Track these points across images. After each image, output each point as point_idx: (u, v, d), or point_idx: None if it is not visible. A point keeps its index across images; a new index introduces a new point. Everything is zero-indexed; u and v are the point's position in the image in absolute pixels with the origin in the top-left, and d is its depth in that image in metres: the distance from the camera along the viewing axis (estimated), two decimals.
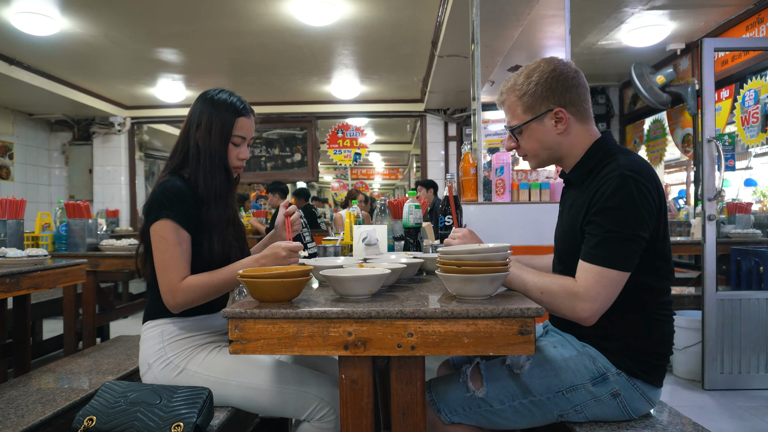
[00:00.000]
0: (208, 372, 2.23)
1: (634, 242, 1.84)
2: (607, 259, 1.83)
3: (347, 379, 1.68)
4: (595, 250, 1.86)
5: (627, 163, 1.92)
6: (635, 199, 1.85)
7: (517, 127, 2.15)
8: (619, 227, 1.84)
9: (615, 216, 1.85)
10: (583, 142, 2.12)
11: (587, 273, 1.86)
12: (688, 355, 4.94)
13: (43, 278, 3.40)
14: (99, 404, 1.97)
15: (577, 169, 2.13)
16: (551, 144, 2.13)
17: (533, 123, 2.11)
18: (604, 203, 1.88)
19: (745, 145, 6.25)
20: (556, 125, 2.09)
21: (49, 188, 11.17)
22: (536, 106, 2.09)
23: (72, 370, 3.11)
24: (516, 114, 2.15)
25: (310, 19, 6.32)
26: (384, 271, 1.81)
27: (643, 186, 1.86)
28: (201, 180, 2.34)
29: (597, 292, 1.82)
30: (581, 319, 1.85)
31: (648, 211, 1.86)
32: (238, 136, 2.41)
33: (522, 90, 2.11)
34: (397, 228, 3.31)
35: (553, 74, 2.07)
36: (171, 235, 2.20)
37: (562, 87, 2.07)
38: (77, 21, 6.50)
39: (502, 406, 1.96)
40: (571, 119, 2.10)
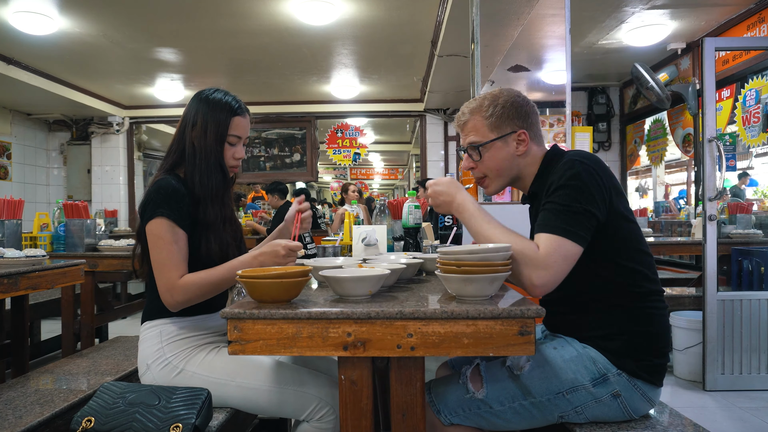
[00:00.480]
0: (207, 373, 2.23)
1: (585, 216, 1.89)
2: (563, 229, 1.87)
3: (347, 379, 1.68)
4: (551, 221, 1.90)
5: (573, 152, 2.06)
6: (583, 178, 1.92)
7: (483, 144, 2.22)
8: (571, 201, 1.90)
9: (566, 192, 1.92)
10: (538, 159, 2.24)
11: (546, 241, 1.88)
12: (689, 356, 4.94)
13: (42, 279, 3.40)
14: (97, 405, 1.97)
15: (536, 181, 2.23)
16: (511, 164, 2.24)
17: (498, 142, 2.21)
18: (556, 184, 1.96)
19: (746, 145, 6.26)
20: (517, 147, 2.21)
21: (47, 188, 11.17)
22: (502, 127, 2.20)
23: (70, 371, 3.11)
24: (481, 132, 2.23)
25: (310, 18, 6.33)
26: (383, 272, 1.81)
27: (589, 167, 1.95)
28: (197, 180, 2.35)
29: (554, 260, 1.84)
30: (534, 286, 1.85)
31: (597, 190, 1.93)
32: (234, 135, 2.42)
33: (488, 111, 2.20)
34: (396, 228, 3.31)
35: (517, 99, 2.21)
36: (167, 233, 2.20)
37: (524, 112, 2.21)
38: (75, 20, 6.50)
39: (502, 408, 1.96)
40: (530, 142, 2.22)
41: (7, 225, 4.02)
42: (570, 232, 1.86)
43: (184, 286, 2.17)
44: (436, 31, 6.82)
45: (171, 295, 2.16)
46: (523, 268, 1.85)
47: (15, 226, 4.09)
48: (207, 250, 2.30)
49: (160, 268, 2.19)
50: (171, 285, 2.16)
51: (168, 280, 2.17)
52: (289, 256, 2.18)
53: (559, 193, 1.93)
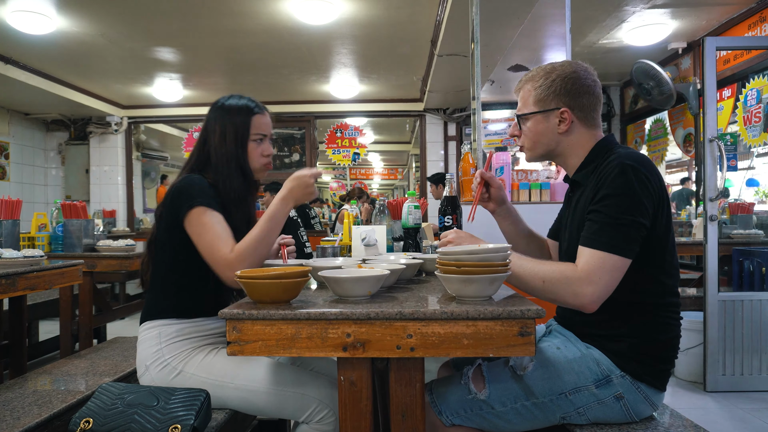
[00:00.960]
0: (206, 374, 2.23)
1: (634, 228, 1.86)
2: (608, 244, 1.85)
3: (346, 380, 1.68)
4: (596, 236, 1.88)
5: (626, 154, 1.98)
6: (634, 186, 1.88)
7: (524, 115, 2.23)
8: (619, 213, 1.87)
9: (615, 202, 1.88)
10: (586, 144, 2.19)
11: (589, 257, 1.87)
12: (690, 357, 4.94)
13: (40, 279, 3.40)
14: (96, 406, 1.97)
15: (581, 169, 2.19)
16: (549, 140, 2.21)
17: (539, 115, 2.20)
18: (604, 191, 1.92)
19: (747, 145, 6.26)
20: (559, 124, 2.17)
21: (45, 188, 11.17)
22: (546, 101, 2.18)
23: (68, 372, 3.11)
24: (526, 103, 2.24)
25: (309, 17, 6.33)
26: (383, 272, 1.81)
27: (641, 174, 1.90)
28: (221, 186, 2.41)
29: (599, 276, 1.83)
30: (583, 304, 1.85)
31: (647, 198, 1.89)
32: (258, 134, 2.50)
33: (539, 83, 2.19)
34: (396, 228, 3.31)
35: (571, 76, 2.16)
36: (208, 217, 2.24)
37: (575, 91, 2.15)
38: (74, 20, 6.50)
39: (504, 408, 1.96)
40: (576, 122, 2.17)
41: (4, 225, 4.02)
42: (616, 247, 1.84)
43: (239, 256, 2.19)
44: (435, 31, 6.82)
45: (231, 269, 2.16)
46: (567, 287, 1.86)
47: (13, 227, 4.09)
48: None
49: (210, 250, 2.22)
50: (227, 260, 2.19)
51: (223, 258, 2.19)
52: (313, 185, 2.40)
53: (607, 203, 1.90)
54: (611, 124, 9.68)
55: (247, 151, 2.47)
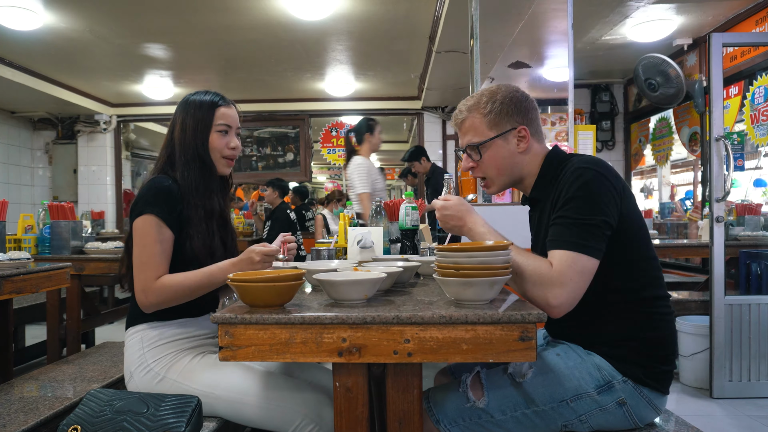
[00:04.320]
0: (188, 382, 2.24)
1: (600, 228, 1.90)
2: (577, 244, 1.88)
3: (342, 386, 1.69)
4: (563, 237, 1.91)
5: (580, 159, 2.05)
6: (593, 187, 1.93)
7: (482, 143, 2.22)
8: (584, 214, 1.91)
9: (577, 204, 1.93)
10: (538, 159, 2.24)
11: (559, 258, 1.89)
12: (696, 362, 4.95)
13: (26, 282, 3.40)
14: (84, 413, 1.97)
15: (538, 185, 2.23)
16: (512, 162, 2.23)
17: (498, 140, 2.20)
18: (565, 195, 1.96)
19: (754, 144, 6.26)
20: (518, 143, 2.20)
21: (32, 189, 11.14)
22: (501, 124, 2.19)
23: (56, 378, 3.11)
24: (480, 131, 2.23)
25: (303, 13, 6.32)
26: (379, 275, 1.82)
27: (599, 174, 1.95)
28: (179, 175, 2.42)
29: (570, 278, 1.85)
30: (551, 306, 1.86)
31: (608, 197, 1.93)
32: (222, 124, 2.49)
33: (487, 108, 2.20)
34: (393, 230, 3.31)
35: (515, 95, 2.21)
36: (153, 231, 2.24)
37: (524, 108, 2.21)
38: (61, 15, 6.49)
39: (503, 417, 1.96)
40: (531, 139, 2.22)
41: None
42: (584, 246, 1.87)
43: (160, 289, 2.21)
44: (434, 27, 6.82)
45: (145, 296, 2.21)
46: (537, 288, 1.87)
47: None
48: (190, 245, 2.34)
49: (140, 266, 2.23)
50: (147, 285, 2.21)
51: (145, 280, 2.21)
52: (264, 261, 2.24)
53: (570, 206, 1.94)
54: (614, 122, 9.69)
55: (209, 142, 2.46)
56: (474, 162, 2.27)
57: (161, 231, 2.25)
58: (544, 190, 2.17)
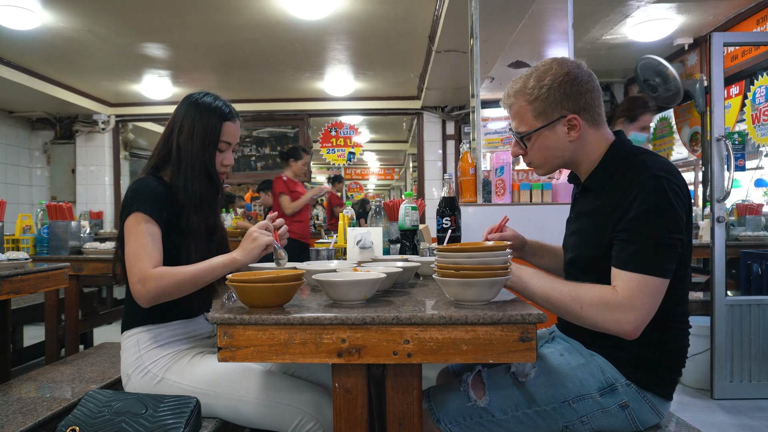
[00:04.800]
0: (187, 382, 2.23)
1: (674, 247, 1.82)
2: (649, 267, 1.79)
3: (341, 387, 1.68)
4: (636, 258, 1.81)
5: (656, 164, 1.89)
6: (672, 202, 1.82)
7: (527, 134, 2.10)
8: (658, 232, 1.81)
9: (653, 221, 1.81)
10: (598, 146, 2.08)
11: (629, 282, 1.81)
12: (697, 363, 4.95)
13: (24, 283, 3.39)
14: (82, 414, 1.97)
15: (595, 174, 2.09)
16: (563, 152, 2.09)
17: (544, 130, 2.06)
18: (639, 207, 1.84)
19: (755, 144, 6.26)
20: (568, 132, 2.04)
21: (30, 189, 11.14)
22: (548, 113, 2.04)
23: (54, 379, 3.11)
24: (525, 120, 2.09)
25: (302, 12, 6.32)
26: (379, 276, 1.81)
27: (676, 186, 1.84)
28: (182, 186, 2.37)
29: (642, 302, 1.78)
30: (625, 332, 1.79)
31: (683, 212, 1.85)
32: (225, 141, 2.45)
33: (533, 94, 2.05)
34: (392, 230, 3.31)
35: (566, 78, 2.02)
36: (141, 226, 2.21)
37: (576, 92, 2.02)
38: (59, 15, 6.49)
39: (504, 417, 1.95)
40: (585, 125, 2.05)
41: None
42: (657, 269, 1.80)
43: (158, 275, 2.14)
44: (433, 26, 6.82)
45: (143, 285, 2.13)
46: (607, 314, 1.80)
47: None
48: (187, 259, 2.31)
49: (133, 259, 2.18)
50: (143, 274, 2.14)
51: (140, 270, 2.15)
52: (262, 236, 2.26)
53: (645, 222, 1.82)
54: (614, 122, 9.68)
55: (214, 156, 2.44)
56: (522, 150, 2.17)
57: (149, 226, 2.22)
58: (602, 182, 2.05)
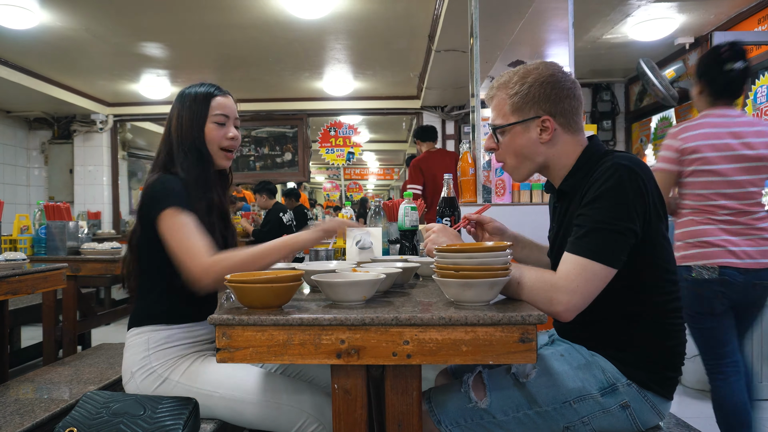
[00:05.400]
0: (191, 383, 2.23)
1: (624, 235, 1.83)
2: (592, 251, 1.81)
3: (340, 389, 1.68)
4: (581, 241, 1.85)
5: (620, 156, 1.93)
6: (626, 189, 1.84)
7: (500, 127, 2.14)
8: (609, 218, 1.83)
9: (605, 206, 1.84)
10: (572, 151, 2.11)
11: (569, 264, 1.84)
12: (697, 364, 4.91)
13: (22, 283, 3.39)
14: (80, 415, 1.97)
15: (569, 179, 2.12)
16: (533, 152, 2.12)
17: (518, 127, 2.10)
18: (595, 193, 1.87)
19: None
20: (540, 133, 2.08)
21: (27, 189, 11.13)
22: (524, 110, 2.08)
23: (51, 380, 3.11)
24: (502, 113, 2.14)
25: (301, 11, 6.33)
26: (378, 276, 1.81)
27: (635, 176, 1.86)
28: (179, 170, 2.39)
29: (577, 284, 1.80)
30: (557, 312, 1.81)
31: (640, 202, 1.85)
32: (219, 114, 2.47)
33: (513, 89, 2.09)
34: (392, 231, 3.31)
35: (549, 80, 2.06)
36: (184, 218, 2.21)
37: (555, 95, 2.06)
38: (57, 14, 6.49)
39: (505, 418, 1.94)
40: (558, 130, 2.08)
41: None
42: (601, 255, 1.81)
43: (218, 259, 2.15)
44: (433, 25, 6.82)
45: (207, 274, 2.13)
46: (542, 293, 1.81)
47: None
48: None
49: (187, 252, 2.17)
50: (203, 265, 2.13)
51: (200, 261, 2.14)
52: None
53: (596, 206, 1.86)
54: (615, 122, 9.70)
55: (205, 133, 2.44)
56: (494, 144, 2.21)
57: (189, 216, 2.22)
58: (575, 184, 2.07)
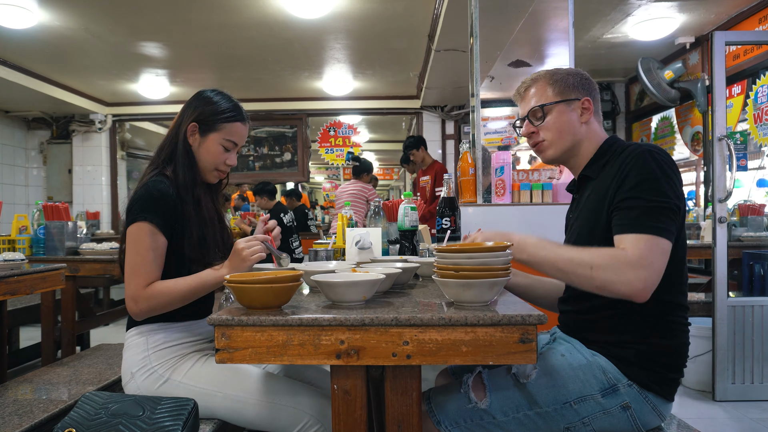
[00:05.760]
0: (193, 383, 2.23)
1: (672, 211, 1.87)
2: (655, 228, 1.83)
3: (340, 389, 1.68)
4: (641, 220, 1.85)
5: (644, 144, 2.03)
6: (665, 170, 1.91)
7: (546, 106, 2.25)
8: (657, 195, 1.88)
9: (650, 187, 1.89)
10: (599, 137, 2.27)
11: (637, 242, 1.83)
12: (698, 365, 4.95)
13: (20, 284, 3.39)
14: (79, 416, 1.97)
15: (591, 164, 2.23)
16: (574, 132, 2.24)
17: (562, 104, 2.24)
18: (634, 178, 1.93)
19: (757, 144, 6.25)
20: (581, 114, 2.24)
21: (26, 189, 11.12)
22: (567, 92, 2.25)
23: (50, 380, 3.11)
24: (545, 95, 2.27)
25: (301, 11, 6.32)
26: (378, 276, 1.81)
27: (665, 159, 1.95)
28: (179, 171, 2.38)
29: (651, 260, 1.80)
30: (636, 290, 1.79)
31: (679, 182, 1.93)
32: (230, 140, 2.45)
33: (554, 78, 2.28)
34: (392, 231, 3.31)
35: (580, 73, 2.30)
36: (146, 239, 2.21)
37: (589, 84, 2.28)
38: (56, 13, 6.49)
39: (506, 418, 1.95)
40: (594, 116, 2.27)
41: None
42: (662, 230, 1.83)
43: (150, 295, 2.18)
44: (433, 25, 6.82)
45: (135, 303, 2.18)
46: (619, 274, 1.79)
47: None
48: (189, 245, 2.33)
49: (131, 273, 2.21)
50: (136, 293, 2.18)
51: (135, 287, 2.19)
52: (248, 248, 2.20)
53: (642, 188, 1.89)
54: (616, 122, 9.69)
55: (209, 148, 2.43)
56: (534, 127, 2.29)
57: (155, 238, 2.22)
58: (598, 170, 2.18)
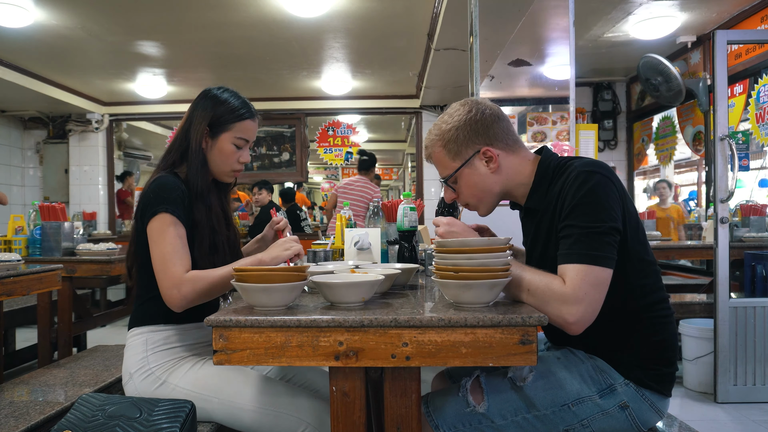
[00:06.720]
0: (190, 387, 2.23)
1: (610, 235, 1.86)
2: (589, 256, 1.83)
3: (338, 391, 1.68)
4: (574, 249, 1.86)
5: (581, 163, 1.99)
6: (599, 192, 1.89)
7: (450, 176, 2.23)
8: (591, 221, 1.86)
9: (584, 211, 1.88)
10: (524, 169, 2.19)
11: (571, 273, 1.83)
12: (700, 366, 4.95)
13: (16, 285, 3.39)
14: (75, 418, 1.97)
15: (533, 195, 2.18)
16: (491, 186, 2.20)
17: (464, 169, 2.19)
18: (571, 202, 1.92)
19: (759, 144, 6.26)
20: (487, 164, 2.16)
21: (22, 189, 11.11)
22: (463, 151, 2.17)
23: (47, 382, 3.11)
24: (445, 164, 2.24)
25: (299, 10, 6.32)
26: (377, 277, 1.82)
27: (603, 178, 1.92)
28: (192, 177, 2.38)
29: (585, 292, 1.80)
30: (568, 323, 1.81)
31: (615, 201, 1.90)
32: (242, 138, 2.46)
33: (444, 138, 2.19)
34: (391, 231, 3.31)
35: (469, 116, 2.15)
36: (171, 229, 2.21)
37: (482, 126, 2.15)
38: (52, 12, 6.48)
39: (504, 422, 1.95)
40: (501, 155, 2.17)
41: None
42: (597, 257, 1.82)
43: (192, 279, 2.16)
44: (432, 24, 6.81)
45: (178, 290, 2.14)
46: (552, 306, 1.80)
47: None
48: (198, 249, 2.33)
49: (165, 262, 2.18)
50: (178, 279, 2.15)
51: (174, 275, 2.15)
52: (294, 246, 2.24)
53: (576, 213, 1.89)
54: (616, 121, 9.68)
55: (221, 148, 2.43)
56: (453, 194, 2.30)
57: (177, 228, 2.23)
58: (541, 199, 2.13)
